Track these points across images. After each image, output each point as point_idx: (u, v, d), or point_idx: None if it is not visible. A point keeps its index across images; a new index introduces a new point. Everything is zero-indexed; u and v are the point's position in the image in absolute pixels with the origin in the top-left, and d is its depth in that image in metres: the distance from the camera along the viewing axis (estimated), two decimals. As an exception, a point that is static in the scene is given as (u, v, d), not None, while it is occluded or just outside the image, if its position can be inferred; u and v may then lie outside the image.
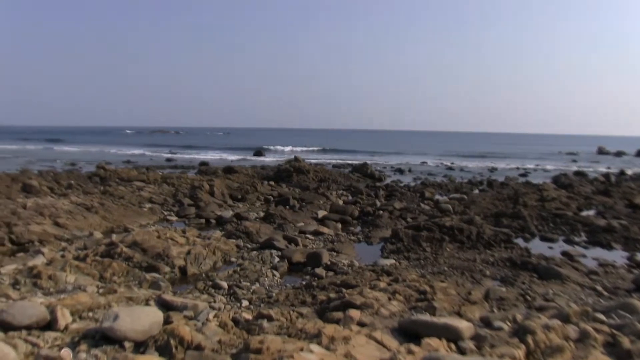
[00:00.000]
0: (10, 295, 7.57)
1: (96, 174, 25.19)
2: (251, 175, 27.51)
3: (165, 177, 24.89)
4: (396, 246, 12.21)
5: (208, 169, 32.16)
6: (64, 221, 13.70)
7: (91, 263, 9.61)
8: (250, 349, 4.83)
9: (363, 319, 6.29)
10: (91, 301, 6.93)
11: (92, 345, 5.30)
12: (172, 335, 5.31)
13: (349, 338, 5.23)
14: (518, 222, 14.88)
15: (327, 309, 7.07)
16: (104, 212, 15.49)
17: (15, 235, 12.07)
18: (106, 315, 5.58)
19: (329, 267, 10.43)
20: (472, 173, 35.36)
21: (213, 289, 8.81)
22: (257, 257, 11.04)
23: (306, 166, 27.79)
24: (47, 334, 5.67)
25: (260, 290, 8.85)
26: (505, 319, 6.39)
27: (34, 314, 5.82)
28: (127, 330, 5.31)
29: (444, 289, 7.97)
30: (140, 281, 9.01)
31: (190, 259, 10.39)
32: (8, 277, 8.68)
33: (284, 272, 10.29)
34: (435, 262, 10.57)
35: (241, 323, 6.46)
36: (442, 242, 12.13)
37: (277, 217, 15.47)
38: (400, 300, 7.36)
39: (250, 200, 19.95)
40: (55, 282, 8.47)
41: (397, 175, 33.53)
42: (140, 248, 10.45)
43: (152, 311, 5.87)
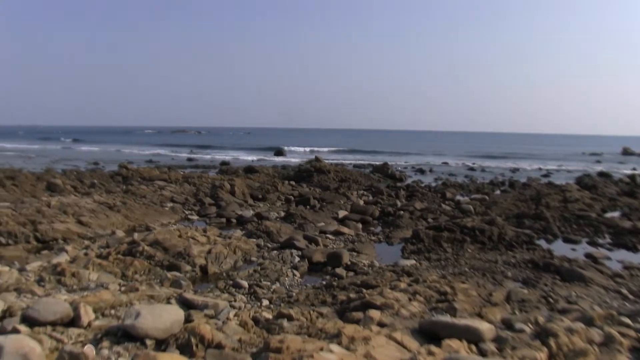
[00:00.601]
0: (35, 292, 7.70)
1: (119, 173, 25.48)
2: (272, 175, 27.59)
3: (186, 176, 25.08)
4: (417, 247, 12.15)
5: (229, 168, 32.34)
6: (87, 220, 13.86)
7: (113, 261, 9.72)
8: (270, 348, 4.84)
9: (383, 320, 6.28)
10: (113, 299, 7.01)
11: (114, 342, 5.37)
12: (193, 333, 5.34)
13: (369, 338, 5.22)
14: (540, 223, 14.71)
15: (347, 309, 7.06)
16: (126, 211, 15.64)
17: (40, 233, 12.24)
18: (128, 313, 5.64)
19: (349, 267, 10.42)
20: (493, 173, 35.03)
21: (233, 288, 8.84)
22: (277, 257, 11.06)
23: (327, 166, 27.78)
24: (71, 331, 5.75)
25: (281, 290, 8.86)
26: (527, 321, 6.34)
27: (58, 310, 5.92)
28: (149, 328, 5.36)
29: (465, 290, 7.91)
30: (162, 279, 9.08)
31: (211, 258, 10.44)
32: (33, 274, 8.83)
33: (304, 272, 10.29)
34: (456, 263, 10.49)
35: (261, 322, 6.48)
36: (463, 243, 12.04)
37: (297, 217, 15.48)
38: (420, 301, 7.32)
39: (270, 200, 20.00)
40: (79, 280, 8.59)
41: (418, 175, 33.35)
42: (162, 247, 10.54)
43: (173, 309, 5.92)
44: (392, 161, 41.65)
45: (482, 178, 30.82)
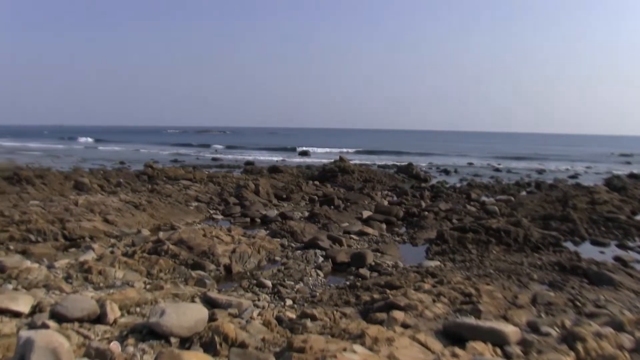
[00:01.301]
0: (63, 289, 7.84)
1: (144, 173, 25.76)
2: (296, 175, 27.64)
3: (211, 176, 25.25)
4: (441, 248, 12.07)
5: (253, 168, 32.48)
6: (114, 218, 14.04)
7: (139, 260, 9.83)
8: (293, 347, 4.85)
9: (407, 321, 6.25)
10: (139, 297, 7.09)
11: (139, 340, 5.43)
12: (216, 332, 5.37)
13: (393, 339, 5.20)
14: (567, 225, 14.50)
15: (371, 310, 7.04)
16: (152, 210, 15.80)
17: (67, 231, 12.43)
18: (153, 310, 5.70)
19: (373, 268, 10.39)
20: (519, 174, 34.60)
21: (257, 288, 8.88)
22: (301, 257, 11.08)
23: (351, 166, 27.76)
24: (97, 327, 5.84)
25: (304, 290, 8.87)
26: (554, 324, 6.25)
27: (85, 307, 6.01)
28: (173, 326, 5.41)
29: (490, 292, 7.83)
30: (186, 278, 9.16)
31: (235, 258, 10.50)
32: (61, 271, 8.99)
33: (327, 272, 10.29)
34: (481, 265, 10.39)
35: (285, 322, 6.49)
36: (488, 245, 11.93)
37: (321, 217, 15.48)
38: (444, 302, 7.27)
39: (295, 200, 20.05)
40: (105, 277, 8.71)
41: (443, 176, 33.12)
42: (187, 246, 10.63)
43: (197, 308, 5.96)
44: (417, 162, 41.42)
45: (508, 179, 30.48)
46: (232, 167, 36.75)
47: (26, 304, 6.39)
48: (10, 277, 8.33)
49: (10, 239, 11.70)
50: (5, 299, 6.30)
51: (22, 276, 8.36)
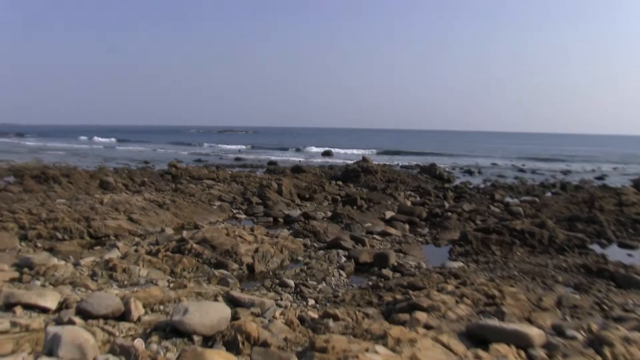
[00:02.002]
0: (89, 286, 7.96)
1: (168, 172, 26.03)
2: (319, 175, 27.68)
3: (234, 175, 25.41)
4: (464, 249, 11.99)
5: (276, 168, 32.60)
6: (138, 217, 14.20)
7: (162, 258, 9.93)
8: (315, 347, 4.85)
9: (429, 322, 6.22)
10: (162, 295, 7.16)
11: (162, 337, 5.48)
12: (239, 331, 5.40)
13: (415, 340, 5.18)
14: (594, 227, 14.28)
15: (393, 311, 7.02)
16: (175, 209, 15.95)
17: (93, 229, 12.61)
18: (176, 309, 5.75)
19: (395, 268, 10.35)
20: (544, 175, 34.19)
21: (280, 287, 8.91)
22: (324, 257, 11.09)
23: (374, 166, 27.71)
24: (122, 324, 5.91)
25: (327, 290, 8.88)
26: (579, 328, 6.17)
27: (110, 304, 6.09)
28: (196, 325, 5.45)
29: (514, 294, 7.75)
30: (209, 277, 9.22)
31: (258, 257, 10.55)
32: (87, 269, 9.12)
33: (350, 272, 10.29)
34: (504, 266, 10.29)
35: (307, 321, 6.50)
36: (512, 246, 11.82)
37: (344, 217, 15.48)
38: (467, 303, 7.21)
39: (317, 200, 20.06)
40: (129, 275, 8.81)
41: (467, 176, 32.88)
42: (210, 245, 10.70)
43: (220, 307, 6.00)
44: (440, 162, 41.16)
45: (532, 180, 30.15)
46: (255, 166, 36.91)
47: (53, 300, 6.51)
48: (38, 274, 8.49)
49: (38, 237, 11.93)
50: (34, 295, 6.42)
51: (49, 273, 8.51)
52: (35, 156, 44.00)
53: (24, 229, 12.31)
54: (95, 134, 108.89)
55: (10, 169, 28.05)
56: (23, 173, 24.19)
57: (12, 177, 24.58)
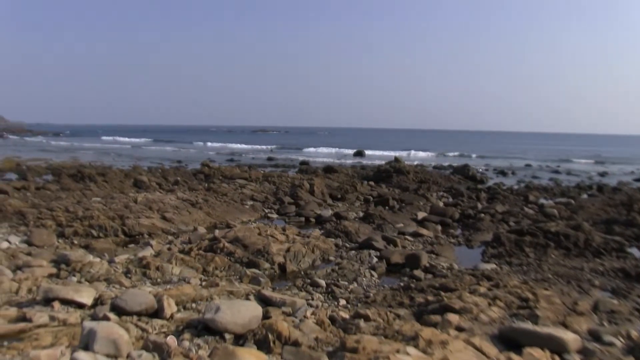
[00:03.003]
0: (123, 283, 8.10)
1: (201, 172, 26.33)
2: (351, 175, 27.67)
3: (266, 175, 25.56)
4: (497, 250, 11.85)
5: (308, 168, 32.67)
6: (171, 216, 14.39)
7: (195, 257, 10.04)
8: (346, 347, 4.85)
9: (461, 324, 6.16)
10: (195, 293, 7.24)
11: (194, 335, 5.55)
12: (270, 330, 5.43)
13: (447, 342, 5.14)
14: (632, 230, 13.92)
15: (425, 312, 6.98)
16: (208, 208, 16.10)
17: (127, 227, 12.82)
18: (208, 307, 5.81)
19: (427, 270, 10.28)
20: (580, 177, 33.53)
21: (311, 287, 8.92)
22: (355, 257, 11.07)
23: (406, 167, 27.57)
24: (155, 321, 6.01)
25: (358, 290, 8.86)
26: (617, 334, 6.03)
27: (144, 302, 6.19)
28: (228, 323, 5.50)
29: (548, 297, 7.62)
30: (241, 276, 9.29)
31: (290, 257, 10.58)
32: (121, 266, 9.28)
33: (382, 273, 10.25)
34: (538, 269, 10.12)
35: (338, 322, 6.51)
36: (546, 248, 11.63)
37: (376, 218, 15.43)
38: (500, 306, 7.12)
39: (349, 200, 20.04)
40: (162, 273, 8.94)
41: (500, 177, 32.44)
42: (242, 244, 10.78)
43: (251, 305, 6.04)
44: (473, 163, 40.72)
45: (568, 181, 29.63)
46: (287, 166, 37.05)
47: (89, 296, 6.64)
48: (74, 270, 8.69)
49: (74, 234, 12.18)
50: (71, 291, 6.58)
51: (85, 269, 8.69)
52: (73, 155, 44.97)
53: (62, 227, 12.60)
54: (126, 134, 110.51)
55: (48, 168, 28.78)
56: (60, 172, 24.81)
57: (50, 175, 25.20)
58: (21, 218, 13.47)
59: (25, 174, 24.62)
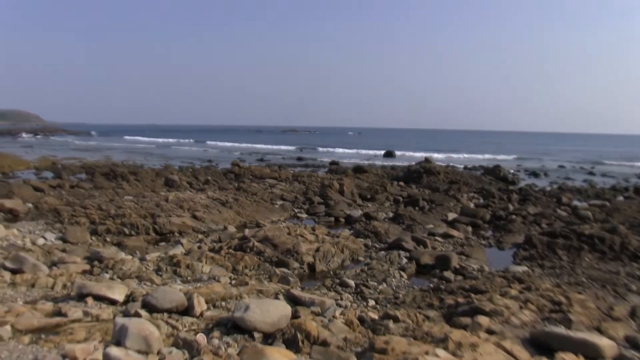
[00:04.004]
0: (154, 281, 8.21)
1: (231, 171, 26.53)
2: (381, 176, 27.57)
3: (296, 175, 25.63)
4: (529, 253, 11.68)
5: (338, 168, 32.65)
6: (201, 214, 14.51)
7: (225, 255, 10.11)
8: (375, 348, 4.83)
9: (492, 327, 6.09)
10: (224, 291, 7.29)
11: (224, 333, 5.59)
12: (299, 329, 5.43)
13: (477, 345, 5.07)
14: (670, 233, 13.60)
15: (455, 314, 6.91)
16: (238, 207, 16.20)
17: (158, 225, 12.97)
18: (238, 305, 5.84)
19: (457, 271, 10.19)
20: (616, 178, 32.83)
21: (340, 287, 8.91)
22: (384, 257, 11.03)
23: (437, 167, 27.35)
24: (185, 319, 6.08)
25: (387, 291, 8.82)
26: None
27: (174, 299, 6.26)
28: (257, 322, 5.52)
29: (582, 301, 7.47)
30: (270, 275, 9.32)
31: (319, 256, 10.59)
32: (152, 264, 9.41)
33: (411, 274, 10.18)
34: (572, 272, 9.95)
35: (367, 322, 6.48)
36: (580, 251, 11.41)
37: (406, 218, 15.35)
38: (532, 309, 7.01)
39: (379, 200, 19.96)
40: (192, 271, 9.02)
41: (532, 178, 31.97)
42: (271, 243, 10.82)
43: (281, 305, 6.05)
44: (504, 164, 40.17)
45: (603, 183, 29.07)
46: (317, 166, 37.11)
47: (121, 293, 6.76)
48: (107, 267, 8.83)
49: (107, 232, 12.37)
50: (103, 287, 6.70)
51: (117, 267, 8.83)
52: (106, 154, 45.74)
53: (95, 224, 12.82)
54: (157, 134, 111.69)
55: (82, 167, 29.32)
56: (94, 170, 25.24)
57: (84, 174, 25.66)
58: (56, 215, 13.77)
59: (60, 173, 25.12)
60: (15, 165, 30.56)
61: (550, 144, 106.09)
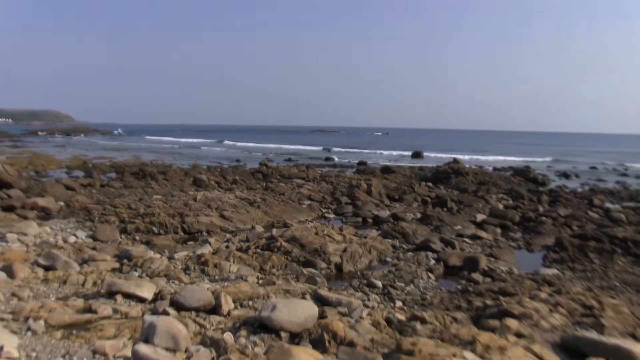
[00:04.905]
0: (182, 279, 8.29)
1: (259, 171, 26.65)
2: (409, 176, 27.43)
3: (324, 175, 25.65)
4: (560, 255, 11.49)
5: (366, 168, 32.58)
6: (229, 214, 14.60)
7: (252, 255, 10.16)
8: (402, 350, 4.80)
9: (521, 330, 6.00)
10: (251, 291, 7.33)
11: (251, 332, 5.62)
12: (326, 329, 5.43)
13: (505, 348, 5.00)
14: None
15: (483, 316, 6.83)
16: (266, 207, 16.27)
17: (186, 224, 13.10)
18: (265, 305, 5.86)
19: (486, 273, 10.08)
20: (650, 180, 32.14)
21: (367, 288, 8.88)
22: (412, 258, 10.96)
23: (465, 168, 27.12)
24: (212, 318, 6.13)
25: (415, 292, 8.77)
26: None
27: (202, 298, 6.32)
28: (284, 321, 5.53)
29: (615, 306, 7.31)
30: (298, 275, 9.33)
31: (346, 257, 10.57)
32: (180, 262, 9.49)
33: (439, 275, 10.10)
34: (604, 276, 9.77)
35: (394, 323, 6.45)
36: (612, 255, 11.19)
37: (434, 219, 15.25)
38: (562, 313, 6.88)
39: (407, 201, 19.85)
40: (220, 271, 9.08)
41: (562, 180, 31.45)
42: (299, 243, 10.83)
43: (307, 305, 6.05)
44: (534, 164, 39.58)
45: (638, 185, 28.47)
46: (345, 166, 37.09)
47: (150, 291, 6.84)
48: (136, 265, 8.95)
49: (136, 230, 12.53)
50: (132, 285, 6.79)
51: (146, 265, 8.94)
52: (135, 154, 46.36)
53: (124, 223, 12.99)
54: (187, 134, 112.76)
55: (112, 166, 29.78)
56: (123, 170, 25.62)
57: (114, 173, 26.06)
58: (87, 214, 14.01)
59: (91, 172, 25.54)
60: (48, 164, 31.36)
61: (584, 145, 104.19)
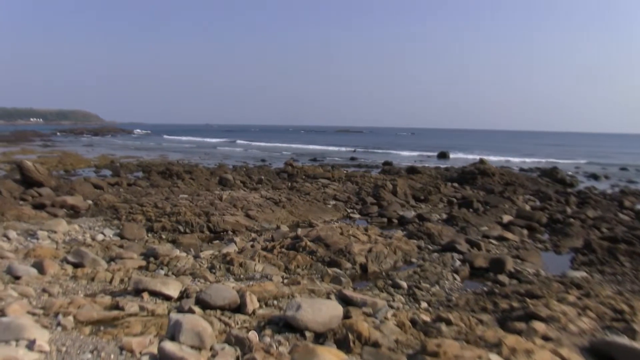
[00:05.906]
0: (207, 278, 8.36)
1: (284, 171, 26.74)
2: (434, 176, 27.25)
3: (349, 175, 25.62)
4: (588, 258, 11.31)
5: (391, 168, 32.44)
6: (254, 214, 14.68)
7: (277, 254, 10.19)
8: (427, 351, 4.77)
9: (548, 333, 5.92)
10: (276, 290, 7.35)
11: (275, 331, 5.63)
12: (350, 329, 5.42)
13: (532, 352, 4.95)
14: None
15: (509, 319, 6.76)
16: (291, 206, 16.31)
17: (212, 224, 13.20)
18: (290, 304, 5.87)
19: (512, 275, 9.97)
20: (684, 181, 31.43)
21: (392, 288, 8.85)
22: (437, 259, 10.89)
23: (491, 169, 26.84)
24: (237, 316, 6.16)
25: (440, 293, 8.71)
26: None
27: (227, 297, 6.36)
28: (308, 321, 5.53)
29: (646, 310, 7.18)
30: (322, 275, 9.33)
31: (371, 257, 10.54)
32: (206, 261, 9.57)
33: (464, 276, 10.03)
34: (635, 279, 9.59)
35: (419, 324, 6.41)
36: (644, 258, 10.98)
37: (459, 220, 15.15)
38: (591, 317, 6.78)
39: (432, 202, 19.73)
40: (245, 270, 9.13)
41: (591, 181, 30.95)
42: (324, 243, 10.83)
43: (332, 305, 6.05)
44: (561, 165, 39.00)
45: (670, 186, 27.89)
46: (370, 166, 36.99)
47: (175, 289, 6.91)
48: (162, 264, 9.04)
49: (162, 229, 12.67)
50: (159, 283, 6.87)
51: (172, 263, 9.02)
52: (162, 154, 46.88)
53: (151, 221, 13.15)
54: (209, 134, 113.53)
55: (139, 165, 30.16)
56: (150, 169, 25.93)
57: (141, 172, 26.40)
58: (114, 212, 14.21)
59: (118, 171, 25.90)
60: (77, 163, 31.95)
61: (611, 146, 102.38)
